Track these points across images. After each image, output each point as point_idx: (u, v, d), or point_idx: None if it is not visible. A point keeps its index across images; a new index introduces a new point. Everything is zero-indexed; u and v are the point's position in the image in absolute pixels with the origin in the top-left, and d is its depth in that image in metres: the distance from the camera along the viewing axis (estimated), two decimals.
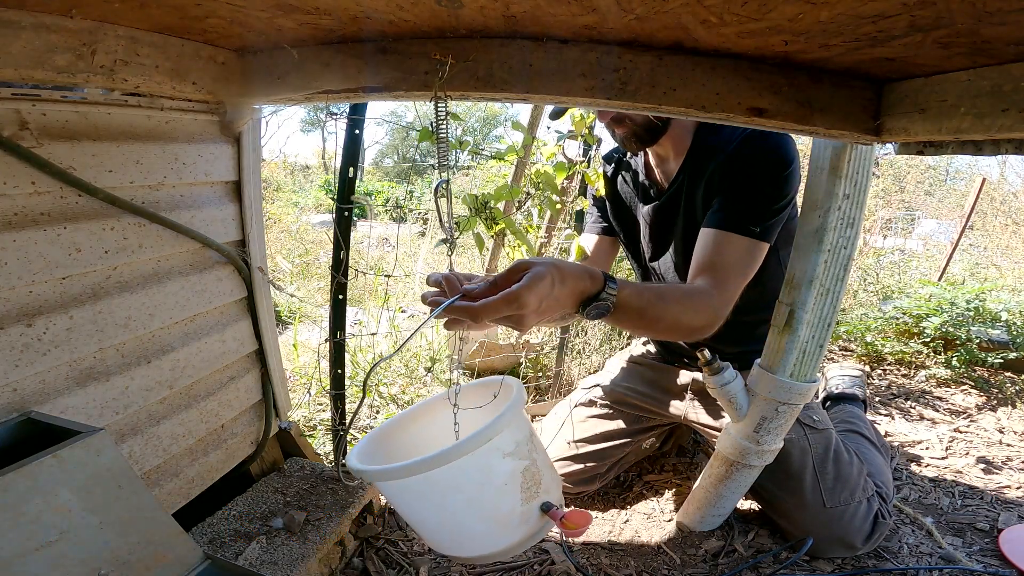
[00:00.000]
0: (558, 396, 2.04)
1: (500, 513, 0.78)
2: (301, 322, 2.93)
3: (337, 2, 0.66)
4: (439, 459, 0.71)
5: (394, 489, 0.81)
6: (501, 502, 0.78)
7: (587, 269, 0.82)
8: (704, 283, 1.05)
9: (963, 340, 2.45)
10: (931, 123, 0.68)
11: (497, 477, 0.77)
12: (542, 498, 0.81)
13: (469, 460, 0.72)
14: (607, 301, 0.82)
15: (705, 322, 0.99)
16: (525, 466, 0.79)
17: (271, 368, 1.22)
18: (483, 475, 0.76)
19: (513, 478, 0.78)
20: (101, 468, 0.67)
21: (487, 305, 0.67)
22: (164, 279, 0.95)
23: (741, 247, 1.08)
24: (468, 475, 0.75)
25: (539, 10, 0.63)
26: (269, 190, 7.81)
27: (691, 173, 1.22)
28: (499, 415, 0.75)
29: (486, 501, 0.78)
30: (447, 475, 0.73)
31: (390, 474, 0.75)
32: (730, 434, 1.16)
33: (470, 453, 0.72)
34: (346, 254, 1.22)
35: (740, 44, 0.68)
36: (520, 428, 0.81)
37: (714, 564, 1.21)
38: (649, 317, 0.89)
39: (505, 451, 0.77)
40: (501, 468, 0.77)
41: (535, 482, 0.80)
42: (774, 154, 1.10)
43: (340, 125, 1.14)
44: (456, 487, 0.76)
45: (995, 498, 1.51)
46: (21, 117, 0.72)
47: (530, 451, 0.81)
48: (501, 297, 0.68)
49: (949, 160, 6.91)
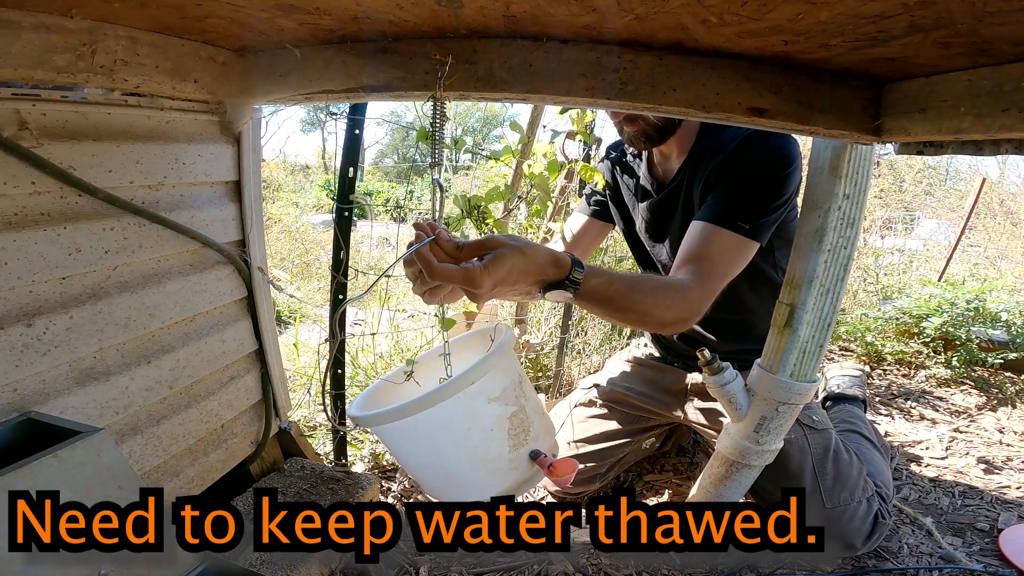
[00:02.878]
0: (558, 396, 2.04)
1: (488, 457, 0.80)
2: (301, 322, 2.93)
3: (337, 2, 0.66)
4: (425, 400, 0.73)
5: (389, 433, 0.83)
6: (489, 446, 0.80)
7: (554, 255, 0.82)
8: (686, 275, 1.04)
9: (963, 340, 2.45)
10: (931, 123, 0.68)
11: (483, 420, 0.79)
12: (531, 445, 0.83)
13: (455, 403, 0.75)
14: (569, 289, 0.83)
15: (678, 316, 0.98)
16: (512, 412, 0.81)
17: (271, 368, 1.22)
18: (469, 418, 0.78)
19: (499, 423, 0.80)
20: (101, 468, 0.67)
21: (444, 269, 0.71)
22: (164, 279, 0.95)
23: (729, 242, 1.07)
24: (455, 417, 0.78)
25: (539, 10, 0.63)
26: (269, 190, 7.81)
27: (691, 170, 1.22)
28: (482, 358, 0.77)
29: (474, 444, 0.80)
30: (435, 417, 0.75)
31: (382, 418, 0.76)
32: (730, 434, 1.16)
33: (455, 395, 0.74)
34: (346, 254, 1.22)
35: (740, 44, 0.68)
36: (508, 374, 0.82)
37: (714, 564, 1.21)
38: (617, 307, 0.90)
39: (491, 396, 0.79)
40: (487, 412, 0.79)
41: (523, 429, 0.82)
42: (774, 153, 1.09)
43: (340, 125, 1.15)
44: (445, 429, 0.78)
45: (995, 498, 1.51)
46: (21, 117, 0.72)
47: (518, 397, 0.82)
48: (458, 271, 0.71)
49: (949, 160, 6.91)
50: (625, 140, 1.25)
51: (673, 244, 1.31)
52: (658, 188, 1.32)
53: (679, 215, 1.27)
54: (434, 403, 0.73)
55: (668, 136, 1.20)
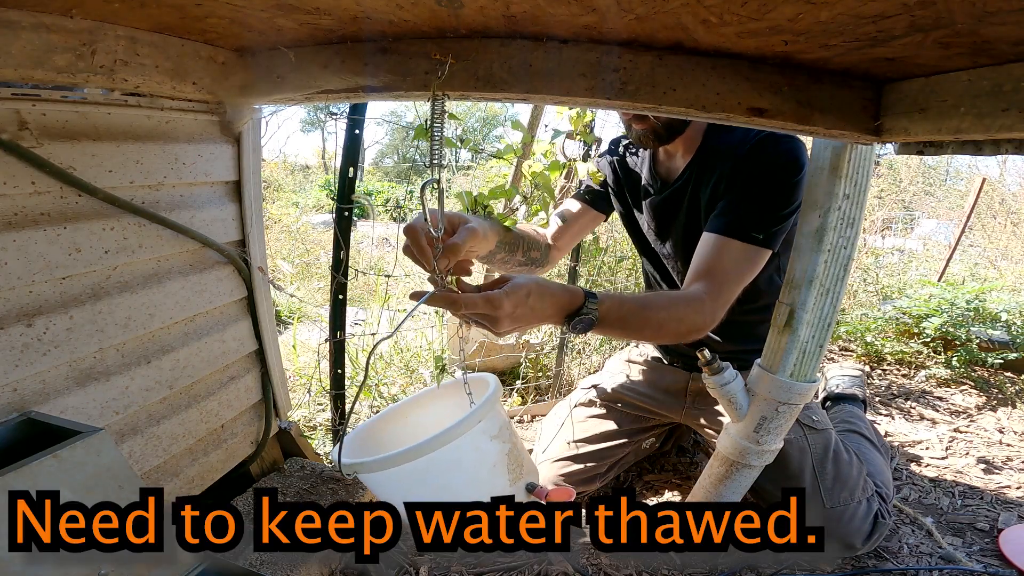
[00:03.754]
0: (558, 396, 2.04)
1: (495, 491, 0.85)
2: (301, 322, 2.93)
3: (337, 2, 0.66)
4: (441, 439, 0.78)
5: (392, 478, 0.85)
6: (495, 480, 0.86)
7: (567, 288, 0.88)
8: (699, 288, 1.06)
9: (963, 340, 2.45)
10: (931, 123, 0.68)
11: (489, 456, 0.85)
12: (526, 479, 0.90)
13: (465, 440, 0.80)
14: (590, 315, 0.88)
15: (692, 327, 1.02)
16: (509, 448, 0.88)
17: (271, 368, 1.22)
18: (477, 454, 0.84)
19: (501, 458, 0.86)
20: (101, 468, 0.67)
21: (467, 299, 0.77)
22: (164, 279, 0.95)
23: (741, 253, 1.08)
24: (465, 454, 0.83)
25: (539, 10, 0.63)
26: (269, 190, 7.81)
27: (698, 172, 1.22)
28: (484, 399, 0.83)
29: (482, 479, 0.85)
30: (448, 455, 0.80)
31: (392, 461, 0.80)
32: (730, 434, 1.16)
33: (465, 434, 0.80)
34: (346, 254, 1.22)
35: (740, 44, 0.68)
36: (500, 415, 0.90)
37: (714, 564, 1.21)
38: (632, 326, 0.96)
39: (491, 433, 0.85)
40: (490, 448, 0.85)
41: (518, 464, 0.89)
42: (785, 159, 1.09)
43: (340, 125, 1.15)
44: (457, 465, 0.84)
45: (995, 498, 1.51)
46: (21, 117, 0.72)
47: (511, 436, 0.90)
48: (481, 296, 0.78)
49: (949, 160, 6.91)
50: (633, 138, 1.25)
51: (676, 243, 1.31)
52: (662, 187, 1.31)
53: (683, 215, 1.26)
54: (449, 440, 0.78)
55: (677, 135, 1.20)
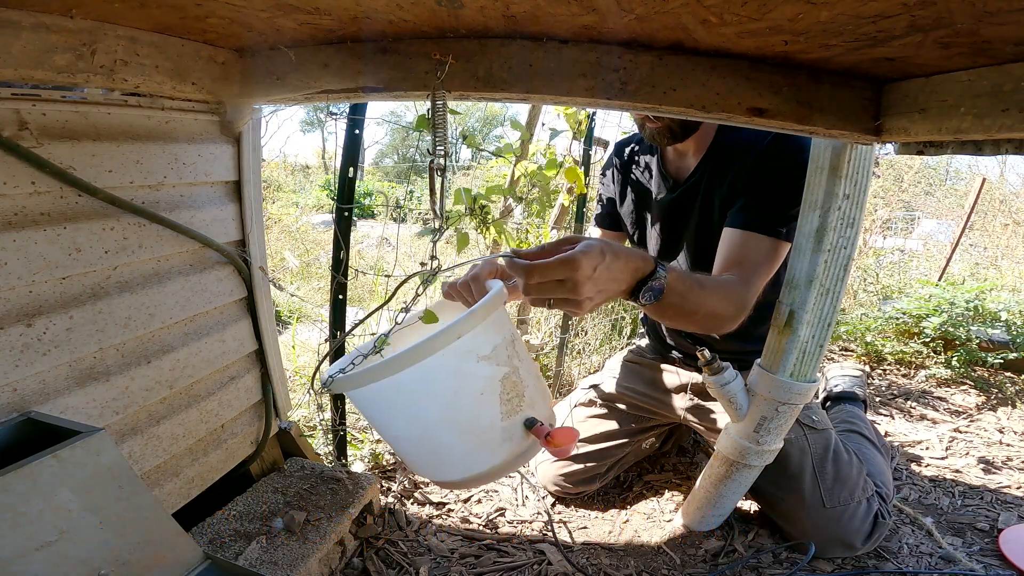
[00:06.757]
0: (558, 396, 2.04)
1: (479, 427, 0.70)
2: (301, 322, 2.93)
3: (337, 2, 0.66)
4: (405, 358, 0.63)
5: (366, 400, 0.72)
6: (480, 414, 0.69)
7: (636, 250, 0.78)
8: (732, 277, 1.06)
9: (963, 340, 2.45)
10: (931, 123, 0.68)
11: (472, 382, 0.68)
12: (526, 413, 0.72)
13: (439, 360, 0.64)
14: (660, 280, 0.77)
15: (734, 312, 0.99)
16: (505, 373, 0.69)
17: (271, 368, 1.22)
18: (456, 380, 0.67)
19: (491, 386, 0.69)
20: (101, 468, 0.67)
21: (540, 265, 0.63)
22: (164, 279, 0.95)
23: (767, 247, 1.09)
24: (440, 379, 0.67)
25: (539, 10, 0.63)
26: (269, 190, 7.81)
27: (711, 170, 1.22)
28: (470, 310, 0.66)
29: (463, 411, 0.69)
30: (417, 378, 0.65)
31: (356, 380, 0.67)
32: (730, 434, 1.16)
33: (439, 352, 0.63)
34: (346, 254, 1.22)
35: (740, 44, 0.68)
36: (499, 330, 0.71)
37: (714, 564, 1.21)
38: (690, 304, 0.87)
39: (480, 353, 0.68)
40: (476, 372, 0.68)
41: (517, 393, 0.71)
42: (800, 156, 1.09)
43: (340, 125, 1.15)
44: (428, 394, 0.68)
45: (995, 498, 1.51)
46: (21, 117, 0.72)
47: (510, 357, 0.71)
48: (556, 259, 0.63)
49: (949, 160, 6.92)
50: (647, 137, 1.25)
51: (690, 244, 1.31)
52: (674, 185, 1.31)
53: (696, 214, 1.26)
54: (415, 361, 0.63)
55: (691, 133, 1.20)
